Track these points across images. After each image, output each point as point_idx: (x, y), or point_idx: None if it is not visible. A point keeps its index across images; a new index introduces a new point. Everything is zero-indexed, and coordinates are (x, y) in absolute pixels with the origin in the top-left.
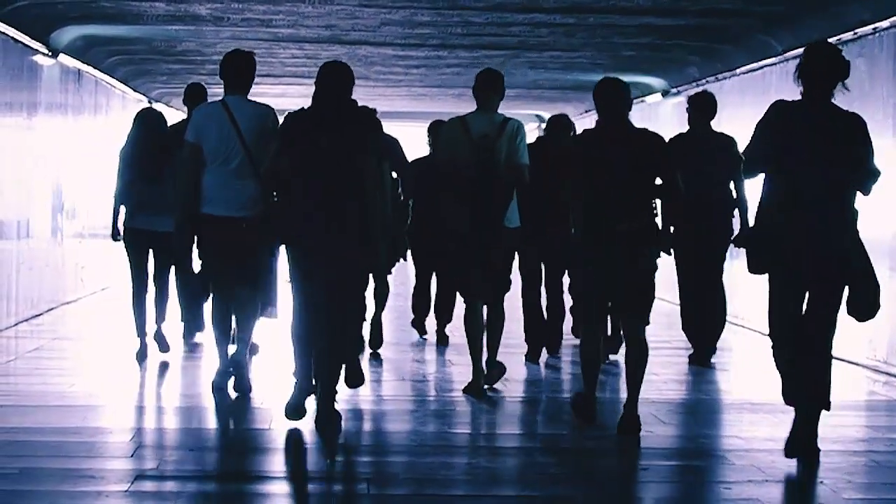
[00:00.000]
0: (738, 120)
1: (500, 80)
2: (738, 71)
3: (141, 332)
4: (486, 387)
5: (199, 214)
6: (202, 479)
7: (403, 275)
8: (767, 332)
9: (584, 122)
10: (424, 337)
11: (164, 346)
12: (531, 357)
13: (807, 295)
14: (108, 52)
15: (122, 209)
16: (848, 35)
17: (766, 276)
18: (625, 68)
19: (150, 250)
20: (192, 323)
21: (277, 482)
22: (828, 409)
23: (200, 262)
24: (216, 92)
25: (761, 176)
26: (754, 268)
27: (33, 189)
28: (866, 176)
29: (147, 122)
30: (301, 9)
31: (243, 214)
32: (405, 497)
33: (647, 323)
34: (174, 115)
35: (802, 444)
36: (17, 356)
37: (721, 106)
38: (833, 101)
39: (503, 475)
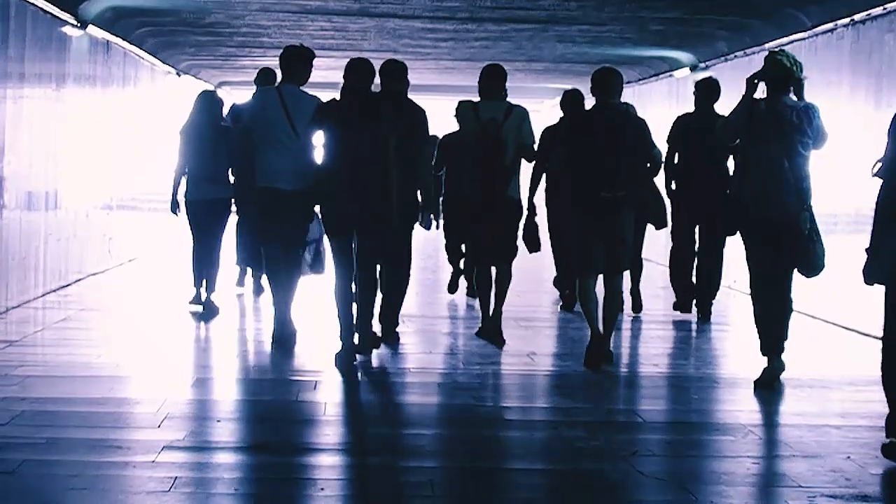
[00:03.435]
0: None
1: (504, 74)
2: (767, 45)
3: (197, 283)
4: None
5: (255, 187)
6: (229, 450)
7: (432, 248)
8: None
9: None
10: (453, 295)
11: (214, 312)
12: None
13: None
14: (137, 24)
15: (182, 182)
16: (878, 10)
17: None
18: (653, 43)
19: (207, 216)
20: (242, 274)
21: (304, 453)
22: (780, 352)
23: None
24: (243, 64)
25: None
26: (726, 230)
27: (61, 160)
28: (818, 137)
29: (205, 104)
30: None
31: (291, 187)
32: (431, 469)
33: (624, 269)
34: (201, 87)
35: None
36: (45, 327)
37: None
38: (790, 94)
39: (529, 449)
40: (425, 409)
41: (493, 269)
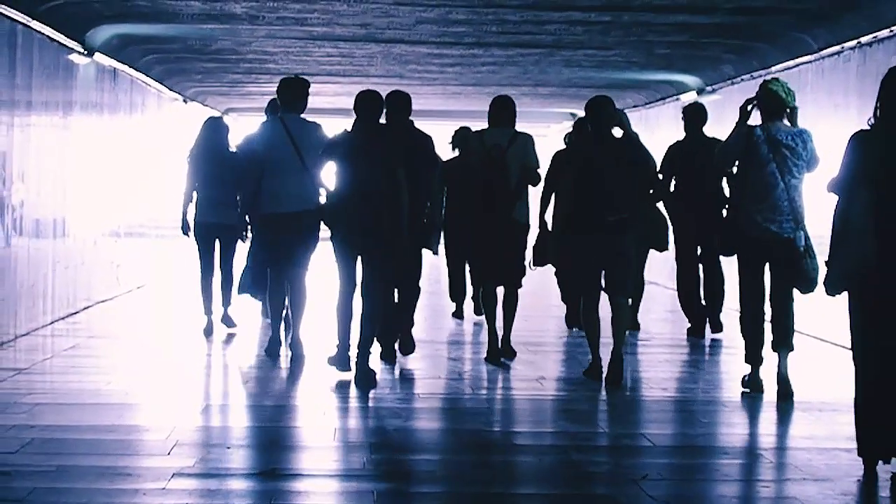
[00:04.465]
0: None
1: (511, 104)
2: (773, 69)
3: (207, 311)
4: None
5: (260, 211)
6: (239, 477)
7: (437, 273)
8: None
9: None
10: (460, 321)
11: (230, 324)
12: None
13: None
14: (144, 51)
15: (191, 206)
16: (884, 32)
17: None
18: (659, 66)
19: (217, 240)
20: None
21: (313, 479)
22: (792, 349)
23: (256, 250)
24: (249, 91)
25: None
26: (724, 251)
27: (69, 188)
28: (812, 161)
29: (211, 129)
30: (336, 7)
31: (298, 209)
32: (441, 495)
33: (628, 296)
34: (208, 113)
35: (760, 386)
36: (54, 354)
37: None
38: (783, 120)
39: (539, 473)
40: (434, 434)
41: (499, 291)
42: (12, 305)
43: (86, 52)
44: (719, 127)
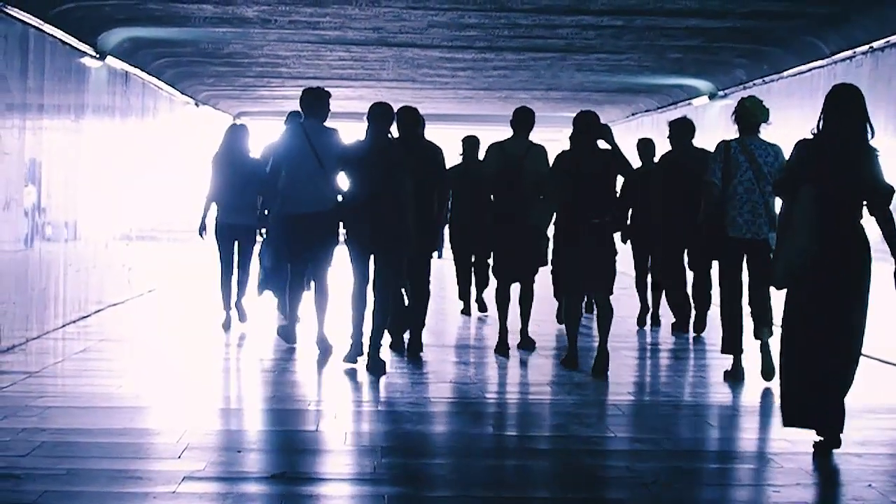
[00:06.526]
0: (785, 122)
1: (532, 116)
2: (785, 73)
3: (226, 307)
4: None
5: (281, 212)
6: (249, 481)
7: (444, 276)
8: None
9: (630, 125)
10: (468, 315)
11: (242, 316)
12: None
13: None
14: (156, 55)
15: (213, 208)
16: None
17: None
18: (671, 71)
19: (236, 242)
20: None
21: (324, 483)
22: (772, 334)
23: (272, 248)
24: (261, 94)
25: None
26: (708, 255)
27: (80, 191)
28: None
29: (234, 136)
30: (348, 11)
31: (317, 210)
32: (452, 498)
33: (611, 293)
34: (220, 117)
35: (741, 377)
36: (65, 358)
37: (769, 108)
38: (759, 134)
39: (550, 477)
40: (445, 438)
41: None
42: (24, 309)
43: (98, 56)
44: (730, 130)
